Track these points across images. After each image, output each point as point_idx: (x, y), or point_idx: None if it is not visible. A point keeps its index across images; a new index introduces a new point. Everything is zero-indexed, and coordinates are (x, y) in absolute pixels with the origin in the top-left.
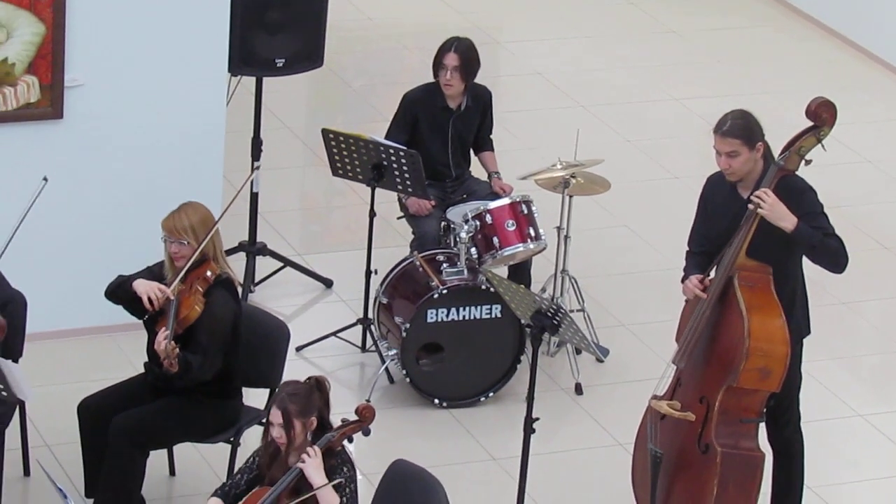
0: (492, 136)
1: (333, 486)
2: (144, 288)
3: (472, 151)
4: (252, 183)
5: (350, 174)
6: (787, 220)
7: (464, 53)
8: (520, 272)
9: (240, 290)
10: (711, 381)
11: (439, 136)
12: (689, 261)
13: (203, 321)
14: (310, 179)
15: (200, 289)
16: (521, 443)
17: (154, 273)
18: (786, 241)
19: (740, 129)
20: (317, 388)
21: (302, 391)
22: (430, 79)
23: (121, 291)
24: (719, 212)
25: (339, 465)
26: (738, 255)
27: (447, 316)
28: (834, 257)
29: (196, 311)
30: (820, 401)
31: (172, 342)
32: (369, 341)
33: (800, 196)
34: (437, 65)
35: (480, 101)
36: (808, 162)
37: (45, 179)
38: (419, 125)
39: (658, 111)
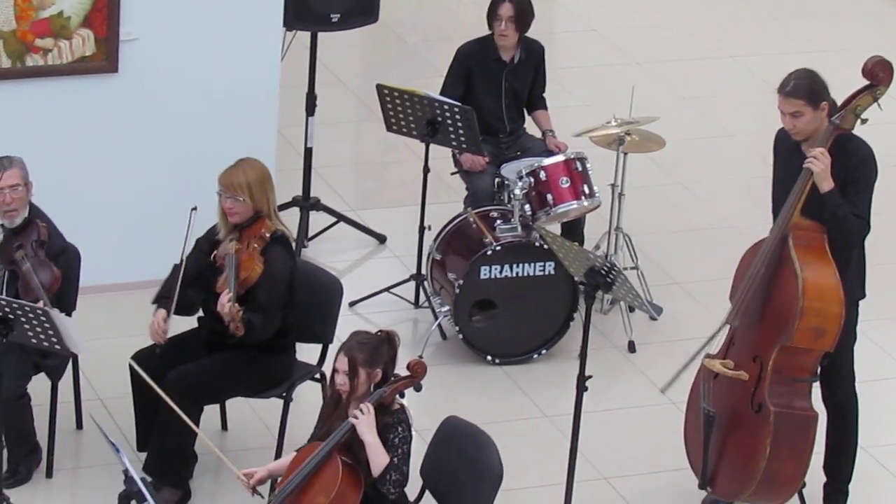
0: (545, 95)
1: (385, 445)
2: (150, 328)
3: (525, 111)
4: (306, 137)
5: (404, 130)
6: (828, 182)
7: (518, 4)
8: (573, 229)
9: (294, 245)
10: (765, 340)
11: (493, 89)
12: None
13: (262, 280)
14: (364, 135)
15: (257, 247)
16: (573, 400)
17: (202, 247)
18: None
19: (804, 89)
20: (386, 342)
21: (371, 341)
22: (486, 34)
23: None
24: (783, 168)
25: (394, 424)
26: (793, 213)
27: (500, 272)
28: (848, 236)
29: (256, 272)
30: (874, 360)
31: (236, 304)
32: (422, 297)
33: (857, 162)
34: (492, 16)
35: (533, 55)
36: (864, 121)
37: None
38: (473, 78)
39: (713, 68)
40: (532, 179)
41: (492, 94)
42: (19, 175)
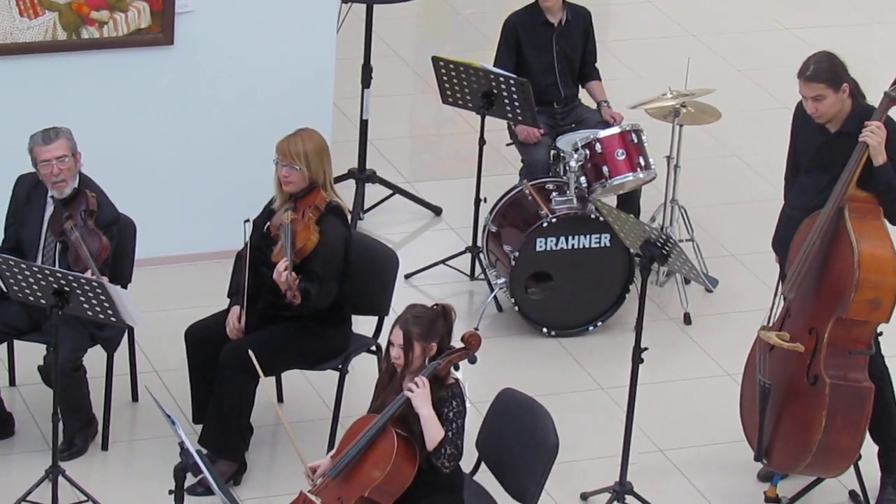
0: (598, 66)
1: (440, 419)
2: (227, 325)
3: (579, 83)
4: (362, 110)
5: (460, 102)
6: (883, 155)
7: None
8: (629, 201)
9: (349, 217)
10: (821, 312)
11: (544, 54)
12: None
13: (317, 250)
14: (420, 107)
15: (312, 217)
16: (629, 372)
17: (259, 224)
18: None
19: (824, 72)
20: (442, 316)
21: (427, 315)
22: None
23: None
24: (806, 142)
25: (449, 398)
26: (849, 185)
27: (556, 245)
28: None
29: (313, 241)
30: None
31: (293, 273)
32: (478, 269)
33: (892, 137)
34: None
35: (580, 18)
36: None
37: None
38: (522, 46)
39: (769, 40)
40: (588, 151)
41: (544, 60)
42: (66, 146)
